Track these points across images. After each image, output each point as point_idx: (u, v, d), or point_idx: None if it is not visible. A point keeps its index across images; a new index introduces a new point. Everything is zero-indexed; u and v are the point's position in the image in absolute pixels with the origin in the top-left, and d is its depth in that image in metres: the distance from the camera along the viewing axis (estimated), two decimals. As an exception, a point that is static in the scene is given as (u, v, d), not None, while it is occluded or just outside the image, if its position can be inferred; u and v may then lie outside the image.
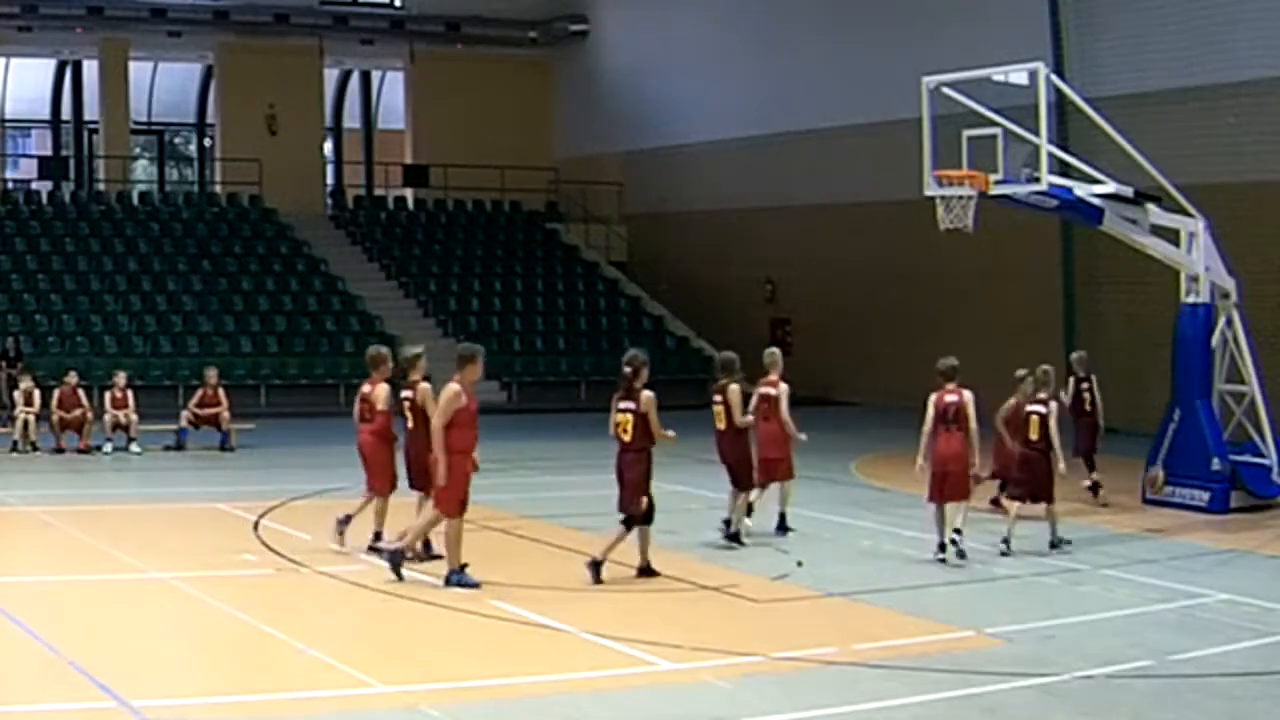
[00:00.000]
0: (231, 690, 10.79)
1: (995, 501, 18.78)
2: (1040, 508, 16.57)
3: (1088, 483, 20.19)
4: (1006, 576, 15.26)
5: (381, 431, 16.03)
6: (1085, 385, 21.02)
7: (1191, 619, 13.30)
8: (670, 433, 14.73)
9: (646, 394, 14.58)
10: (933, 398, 15.82)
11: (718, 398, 16.62)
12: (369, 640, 12.75)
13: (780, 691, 10.85)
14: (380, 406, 15.90)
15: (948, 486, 15.71)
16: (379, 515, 16.06)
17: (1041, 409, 16.77)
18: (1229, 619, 13.30)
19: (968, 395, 15.73)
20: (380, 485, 16.04)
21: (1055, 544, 16.48)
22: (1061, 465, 16.48)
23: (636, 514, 14.57)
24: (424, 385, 15.54)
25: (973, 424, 15.62)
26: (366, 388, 16.24)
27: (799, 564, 15.50)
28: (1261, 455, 19.80)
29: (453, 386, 14.06)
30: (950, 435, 15.68)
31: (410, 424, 15.67)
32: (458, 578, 14.10)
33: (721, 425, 16.59)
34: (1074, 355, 21.79)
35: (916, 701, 10.53)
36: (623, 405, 14.74)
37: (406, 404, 15.71)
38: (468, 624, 12.92)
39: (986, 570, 15.52)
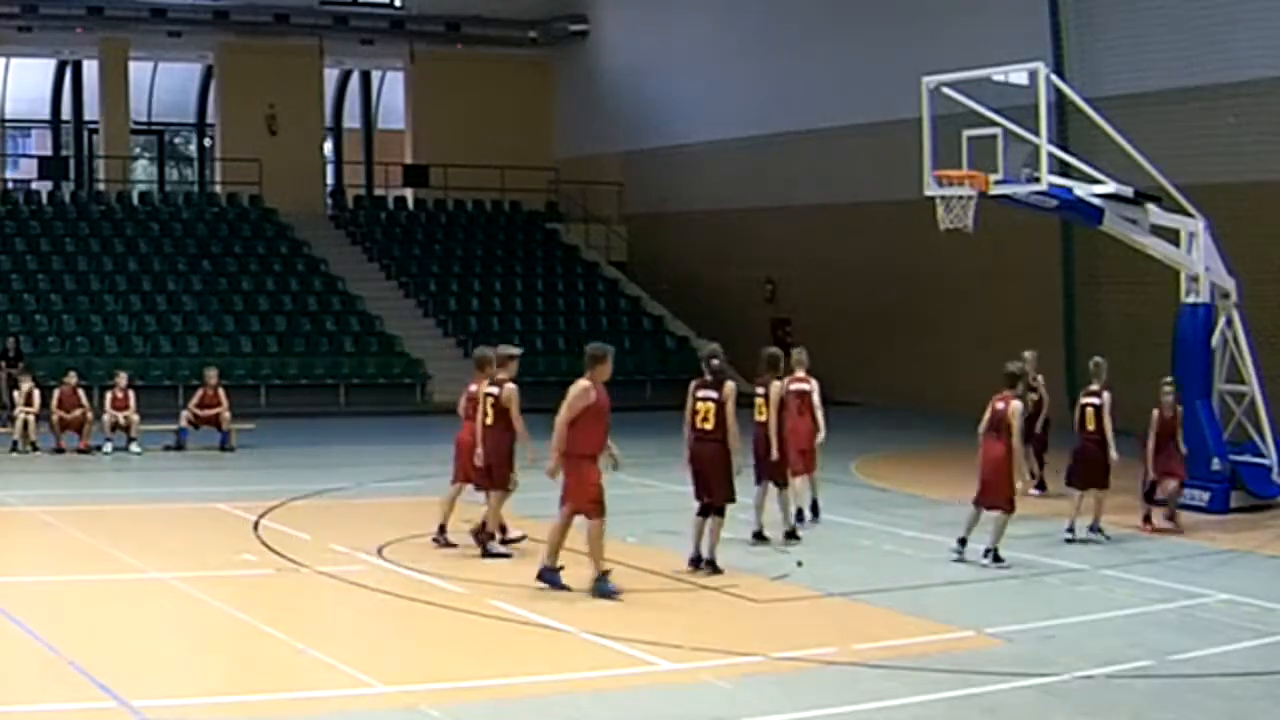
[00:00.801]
0: (231, 690, 10.79)
1: (1171, 517, 18.39)
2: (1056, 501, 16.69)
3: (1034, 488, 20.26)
4: (1006, 576, 15.25)
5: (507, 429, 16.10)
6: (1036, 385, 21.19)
7: (1191, 619, 13.30)
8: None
9: (729, 384, 14.78)
10: (993, 400, 15.80)
11: (760, 390, 16.73)
12: (369, 640, 12.75)
13: (780, 691, 10.85)
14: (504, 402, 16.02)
15: (984, 493, 15.67)
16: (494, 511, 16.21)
17: (1095, 400, 17.42)
18: (1229, 619, 13.30)
19: (1015, 405, 15.60)
20: (500, 482, 16.16)
21: (1097, 529, 17.03)
22: (1114, 454, 17.06)
23: (728, 501, 14.83)
24: (510, 385, 15.80)
25: (1014, 435, 15.47)
26: (473, 386, 16.38)
27: (799, 564, 15.50)
28: (1261, 455, 19.80)
29: (582, 383, 14.10)
30: (991, 443, 15.63)
31: (490, 420, 15.83)
32: (603, 587, 13.81)
33: (761, 417, 16.71)
34: (1026, 354, 21.13)
35: (916, 701, 10.53)
36: (703, 394, 14.92)
37: (490, 401, 15.85)
38: (468, 624, 12.92)
39: (986, 570, 15.51)
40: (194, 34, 40.88)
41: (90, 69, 42.07)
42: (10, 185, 42.00)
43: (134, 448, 25.33)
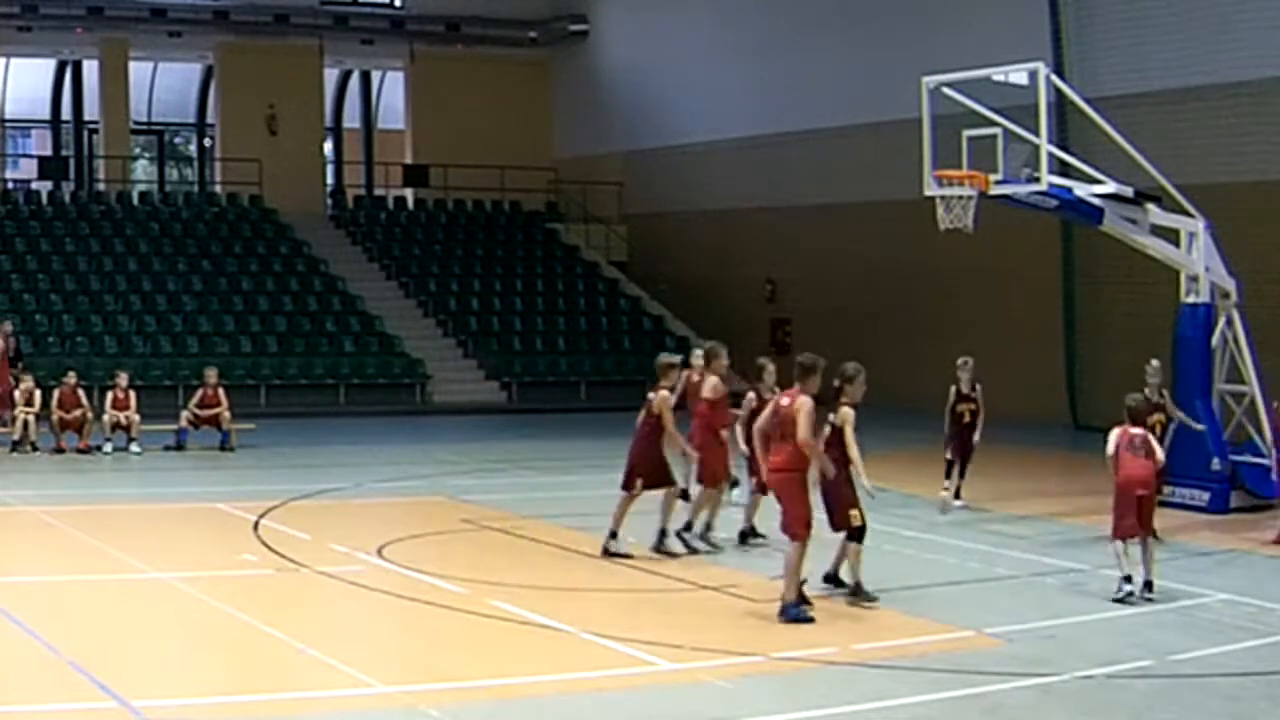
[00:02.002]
0: (231, 690, 10.79)
1: None
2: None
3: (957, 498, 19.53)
4: (1006, 576, 15.26)
5: (709, 424, 16.31)
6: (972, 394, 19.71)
7: (1191, 619, 13.29)
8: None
9: (845, 409, 14.00)
10: (1115, 434, 14.36)
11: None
12: (369, 640, 12.75)
13: (780, 691, 10.85)
14: (707, 394, 16.32)
15: (1144, 514, 14.12)
16: (710, 508, 16.33)
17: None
18: (1229, 619, 13.30)
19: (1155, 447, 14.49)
20: (711, 478, 16.26)
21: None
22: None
23: (848, 527, 13.71)
24: (664, 393, 15.97)
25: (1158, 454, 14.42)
26: (665, 392, 16.26)
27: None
28: (1261, 455, 19.79)
29: (807, 400, 13.28)
30: (1140, 460, 14.18)
31: (642, 423, 16.07)
32: (794, 611, 13.00)
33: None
34: (960, 360, 19.90)
35: (916, 701, 10.53)
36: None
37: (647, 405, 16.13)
38: (468, 624, 12.91)
39: (986, 570, 15.52)
40: (194, 34, 40.89)
41: (90, 69, 42.08)
42: (10, 185, 41.99)
43: (134, 448, 25.33)
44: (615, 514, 15.96)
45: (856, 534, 13.70)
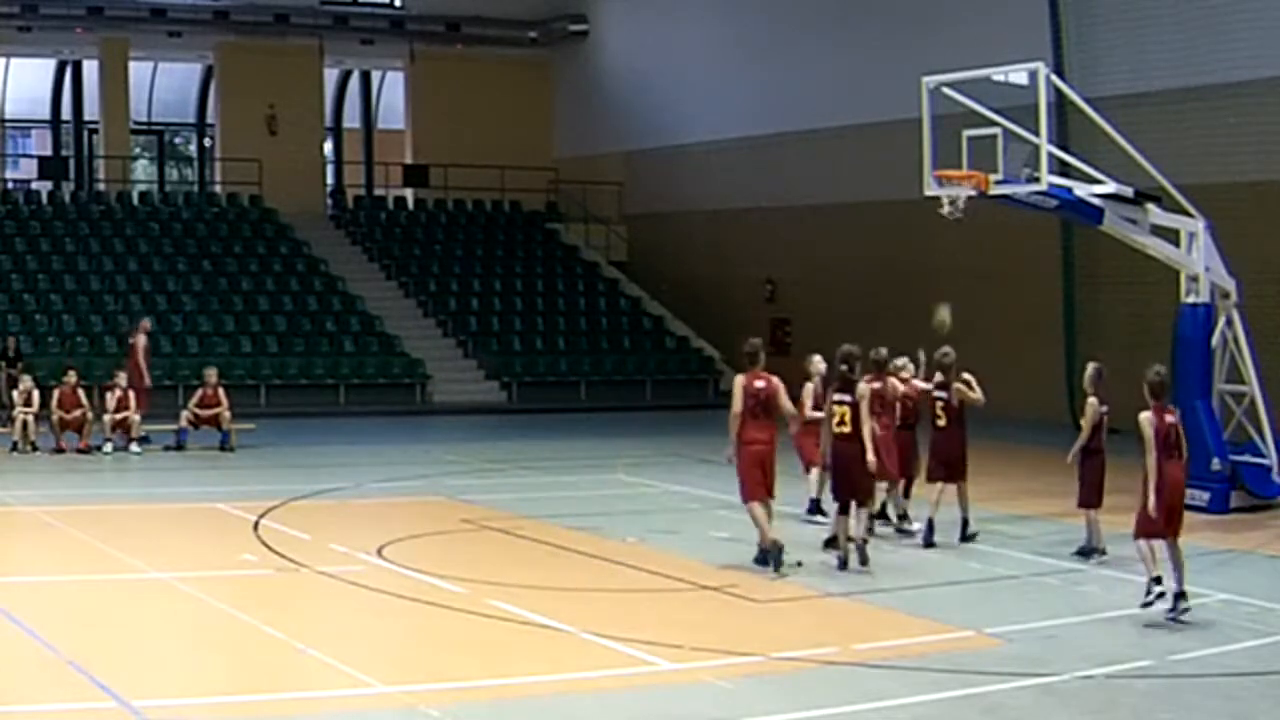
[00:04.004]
0: (231, 690, 10.80)
1: None
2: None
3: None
4: (1006, 576, 15.26)
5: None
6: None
7: (1191, 619, 13.28)
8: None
9: (863, 386, 15.45)
10: (1148, 417, 13.49)
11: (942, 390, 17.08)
12: (369, 640, 12.75)
13: (780, 691, 10.86)
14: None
15: (1177, 519, 13.54)
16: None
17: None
18: (1229, 619, 13.31)
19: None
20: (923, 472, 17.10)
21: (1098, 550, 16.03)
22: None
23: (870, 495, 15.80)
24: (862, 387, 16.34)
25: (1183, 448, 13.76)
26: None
27: (799, 564, 15.49)
28: (1261, 455, 19.79)
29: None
30: (1177, 463, 13.59)
31: (942, 422, 17.06)
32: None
33: (942, 422, 16.98)
34: (897, 361, 18.06)
35: (916, 701, 10.53)
36: (839, 397, 15.43)
37: (940, 404, 16.96)
38: (468, 624, 12.92)
39: (986, 570, 15.52)
40: (194, 34, 40.87)
41: (90, 69, 42.07)
42: (10, 185, 41.96)
43: (134, 448, 25.33)
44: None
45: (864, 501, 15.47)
